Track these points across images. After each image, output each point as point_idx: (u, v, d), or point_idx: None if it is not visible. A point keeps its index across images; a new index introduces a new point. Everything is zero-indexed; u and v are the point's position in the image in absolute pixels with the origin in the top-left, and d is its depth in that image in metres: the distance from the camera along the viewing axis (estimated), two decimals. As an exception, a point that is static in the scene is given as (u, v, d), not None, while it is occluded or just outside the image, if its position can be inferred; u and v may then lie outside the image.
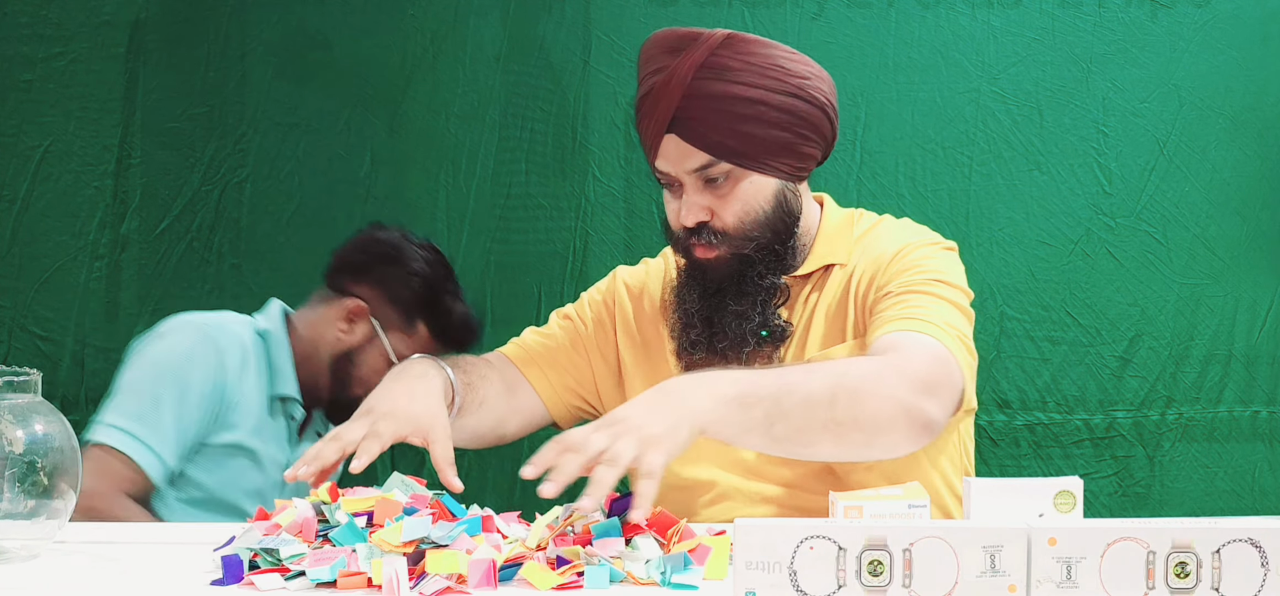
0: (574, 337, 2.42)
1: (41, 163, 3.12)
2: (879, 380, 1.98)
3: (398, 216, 3.14)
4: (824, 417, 1.92)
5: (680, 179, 2.23)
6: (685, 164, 2.21)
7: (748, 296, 2.24)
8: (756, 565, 1.52)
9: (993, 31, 3.14)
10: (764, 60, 2.22)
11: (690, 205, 2.22)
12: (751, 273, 2.24)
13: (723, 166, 2.20)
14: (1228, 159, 3.17)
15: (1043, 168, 3.15)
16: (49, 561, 1.90)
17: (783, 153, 2.23)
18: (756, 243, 2.23)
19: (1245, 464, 3.19)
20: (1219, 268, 3.17)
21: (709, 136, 2.19)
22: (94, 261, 3.13)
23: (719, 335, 2.23)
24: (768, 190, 2.24)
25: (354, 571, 1.71)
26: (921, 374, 2.01)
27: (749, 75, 2.20)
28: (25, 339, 3.10)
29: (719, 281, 2.24)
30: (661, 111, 2.20)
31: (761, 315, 2.24)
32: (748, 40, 2.23)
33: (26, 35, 3.12)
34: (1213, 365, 3.18)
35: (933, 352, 2.05)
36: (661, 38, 2.26)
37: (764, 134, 2.20)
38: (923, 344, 2.06)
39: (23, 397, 1.93)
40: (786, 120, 2.22)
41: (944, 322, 2.10)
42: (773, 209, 2.24)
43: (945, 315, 2.12)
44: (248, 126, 3.13)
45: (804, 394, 1.93)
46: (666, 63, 2.22)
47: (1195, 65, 3.16)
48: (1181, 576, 1.52)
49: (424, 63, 3.15)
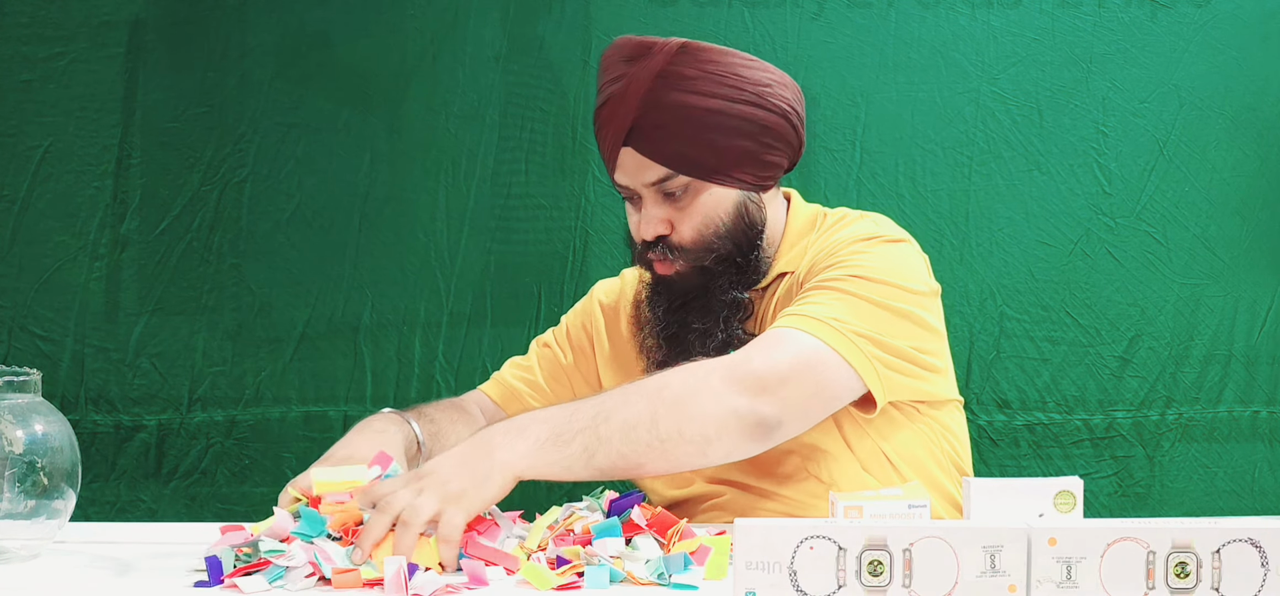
0: (554, 368, 2.38)
1: (41, 163, 3.12)
2: (703, 388, 1.94)
3: (397, 216, 3.14)
4: (646, 438, 1.90)
5: (638, 191, 2.18)
6: (642, 176, 2.16)
7: (712, 313, 2.19)
8: (756, 565, 1.52)
9: (992, 32, 3.14)
10: (722, 68, 2.16)
11: (648, 218, 2.17)
12: (715, 286, 2.18)
13: (681, 179, 2.15)
14: (1228, 159, 3.17)
15: (1042, 168, 3.15)
16: (49, 561, 1.90)
17: (744, 162, 2.17)
18: (716, 255, 2.18)
19: (1245, 464, 3.19)
20: (1219, 268, 3.17)
21: (666, 148, 2.14)
22: (94, 261, 3.13)
23: (681, 351, 2.17)
24: (728, 202, 2.18)
25: (346, 568, 1.72)
26: (756, 372, 1.97)
27: (706, 84, 2.14)
28: (25, 339, 3.10)
29: (683, 295, 2.19)
30: (618, 123, 2.15)
31: (726, 331, 2.18)
32: (705, 48, 2.17)
33: (26, 35, 3.12)
34: (1213, 365, 3.18)
35: (786, 349, 2.00)
36: (619, 46, 2.21)
37: (724, 144, 2.15)
38: (779, 339, 2.01)
39: (23, 397, 1.94)
40: (747, 129, 2.16)
41: (830, 318, 2.03)
42: (733, 221, 2.19)
43: (838, 310, 2.05)
44: (247, 126, 3.13)
45: (621, 419, 1.90)
46: (624, 72, 2.16)
47: (1195, 65, 3.15)
48: (1181, 576, 1.52)
49: (423, 62, 3.15)
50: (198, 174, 3.13)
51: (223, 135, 3.13)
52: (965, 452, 2.28)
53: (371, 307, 3.12)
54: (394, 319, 3.14)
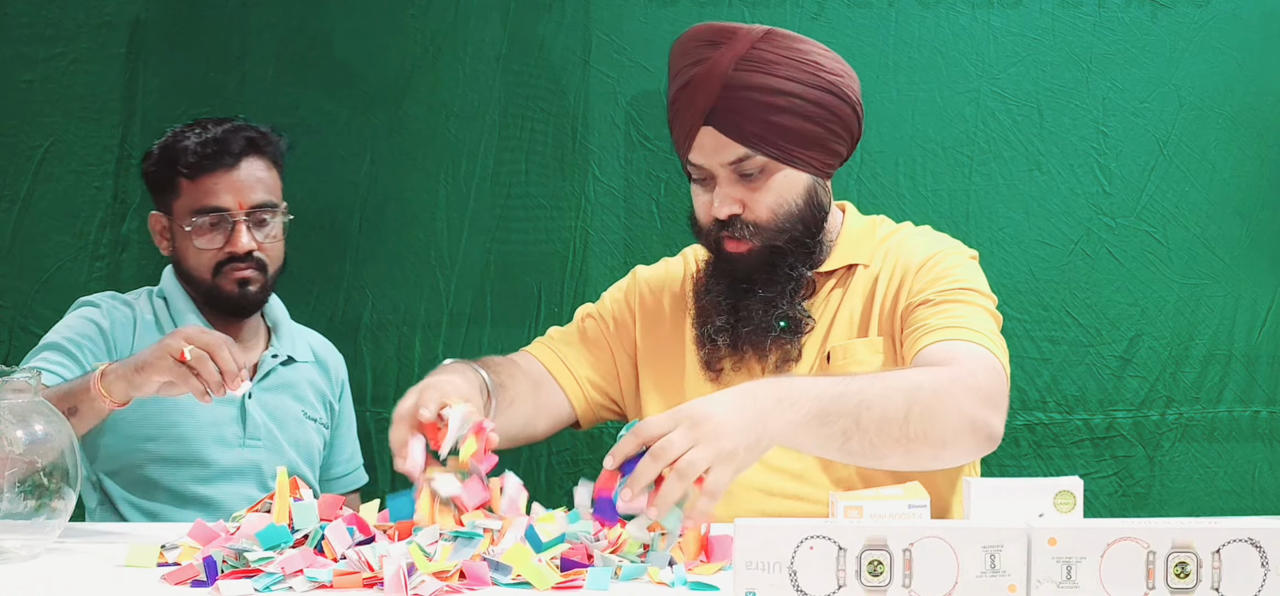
0: (599, 335, 2.45)
1: (42, 163, 3.12)
2: (949, 395, 2.01)
3: (397, 216, 3.14)
4: (897, 433, 1.94)
5: (714, 172, 2.27)
6: (720, 156, 2.25)
7: (777, 285, 2.28)
8: (756, 565, 1.52)
9: (993, 31, 3.14)
10: (801, 56, 2.26)
11: (724, 197, 2.26)
12: (782, 263, 2.28)
13: (758, 160, 2.24)
14: (1228, 159, 3.17)
15: (1043, 168, 3.15)
16: (48, 561, 1.90)
17: (815, 148, 2.27)
18: (788, 235, 2.28)
19: (1245, 464, 3.19)
20: (1219, 267, 3.17)
21: (746, 129, 2.23)
22: (94, 262, 3.13)
23: (744, 320, 2.27)
24: (800, 184, 2.28)
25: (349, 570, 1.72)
26: (984, 386, 2.06)
27: (787, 69, 2.24)
28: (26, 339, 3.10)
29: (748, 273, 2.28)
30: (700, 103, 2.24)
31: (789, 306, 2.28)
32: (787, 36, 2.28)
33: (27, 35, 3.12)
34: (1213, 365, 3.18)
35: (988, 364, 2.10)
36: (699, 31, 2.30)
37: (799, 128, 2.25)
38: (977, 355, 2.10)
39: (22, 398, 1.93)
40: (820, 115, 2.26)
41: (988, 331, 2.15)
42: (804, 203, 2.29)
43: (986, 323, 2.17)
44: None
45: (881, 409, 1.95)
46: (705, 55, 2.25)
47: (1195, 65, 3.15)
48: (1181, 576, 1.52)
49: (424, 62, 3.15)
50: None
51: (223, 135, 3.13)
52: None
53: (371, 307, 3.12)
54: (394, 318, 3.14)
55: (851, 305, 2.31)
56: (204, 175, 2.60)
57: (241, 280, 2.63)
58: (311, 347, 2.81)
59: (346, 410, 2.89)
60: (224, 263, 2.62)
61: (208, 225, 2.61)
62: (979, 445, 2.05)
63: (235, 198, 2.61)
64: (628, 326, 2.45)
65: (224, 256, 2.61)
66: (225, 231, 2.61)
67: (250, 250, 2.61)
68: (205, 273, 2.62)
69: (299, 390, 2.74)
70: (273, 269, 2.67)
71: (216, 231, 2.61)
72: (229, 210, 2.60)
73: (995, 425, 2.06)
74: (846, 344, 2.28)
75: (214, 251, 2.61)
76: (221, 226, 2.61)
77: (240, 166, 2.62)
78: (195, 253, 2.61)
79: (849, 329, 2.30)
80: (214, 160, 2.59)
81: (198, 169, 2.60)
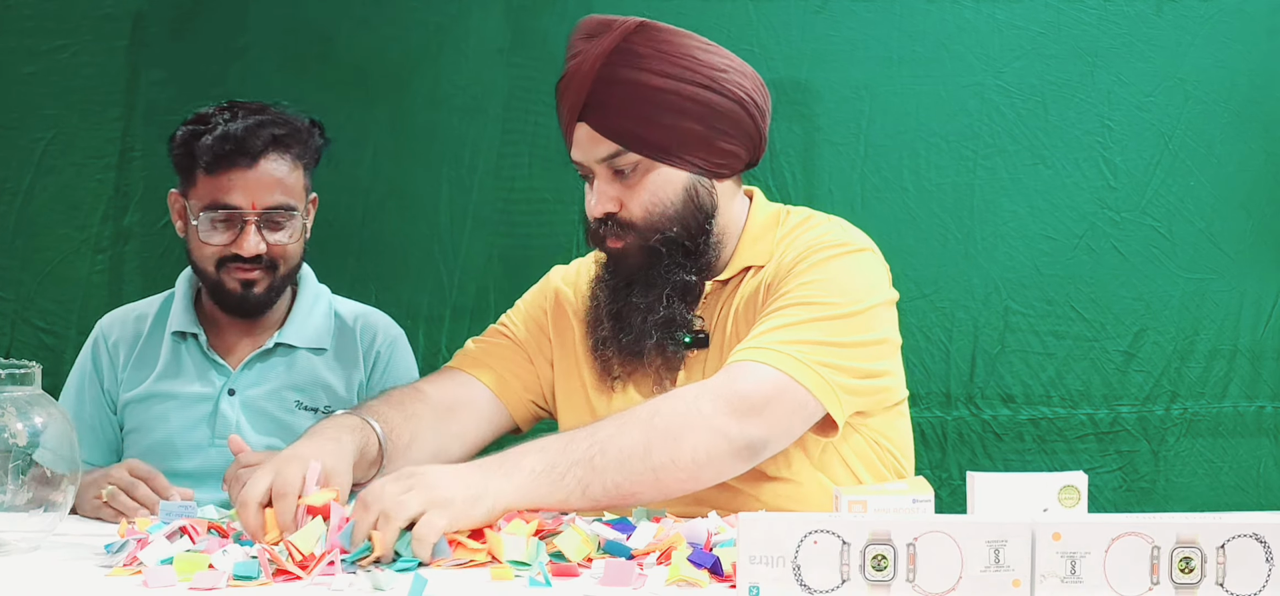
0: (512, 345, 2.39)
1: (44, 155, 3.12)
2: (694, 414, 1.97)
3: (400, 210, 3.14)
4: (640, 468, 1.91)
5: (591, 169, 2.20)
6: (594, 152, 2.19)
7: (654, 288, 2.20)
8: (760, 560, 1.52)
9: (997, 25, 3.14)
10: (676, 49, 2.18)
11: (599, 194, 2.19)
12: (659, 265, 2.19)
13: (630, 157, 2.17)
14: (1233, 153, 3.16)
15: (1047, 162, 3.15)
16: (49, 554, 1.90)
17: (694, 145, 2.18)
18: (663, 235, 2.19)
19: (1250, 459, 3.19)
20: (1224, 262, 3.17)
21: (617, 125, 2.16)
22: (96, 254, 3.12)
23: (624, 328, 2.20)
24: (677, 183, 2.19)
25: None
26: (743, 395, 2.00)
27: (659, 63, 2.16)
28: (28, 331, 3.10)
29: (629, 274, 2.21)
30: (573, 98, 2.18)
31: (667, 310, 2.19)
32: (661, 29, 2.20)
33: (29, 28, 3.12)
34: (1217, 360, 3.17)
35: (754, 372, 2.03)
36: (582, 24, 2.23)
37: (673, 124, 2.16)
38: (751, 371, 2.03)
39: (24, 390, 1.93)
40: (698, 112, 2.17)
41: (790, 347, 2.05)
42: (682, 203, 2.19)
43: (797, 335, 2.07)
44: (250, 119, 3.13)
45: (617, 447, 1.91)
46: (582, 48, 2.19)
47: (1200, 59, 3.15)
48: (1186, 571, 1.51)
49: (426, 56, 3.15)
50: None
51: (225, 128, 3.13)
52: (906, 454, 2.30)
53: (374, 301, 3.12)
54: (397, 312, 3.13)
55: (736, 311, 2.22)
56: (220, 171, 2.51)
57: (245, 281, 2.55)
58: (336, 328, 2.73)
59: (392, 384, 2.69)
60: (229, 259, 2.55)
61: (218, 221, 2.53)
62: (738, 456, 1.99)
63: (248, 197, 2.52)
64: (542, 328, 2.39)
65: (229, 254, 2.54)
66: (235, 230, 2.53)
67: (258, 253, 2.53)
68: (209, 265, 2.57)
69: (295, 378, 2.68)
70: (284, 269, 2.59)
71: (226, 229, 2.53)
72: (241, 209, 2.52)
73: (754, 434, 2.00)
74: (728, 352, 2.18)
75: (220, 247, 2.54)
76: (232, 224, 2.53)
77: (259, 165, 2.52)
78: (201, 245, 2.57)
79: (738, 335, 2.19)
80: (231, 158, 2.50)
81: (215, 165, 2.52)
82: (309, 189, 2.62)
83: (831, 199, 3.08)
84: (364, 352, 2.72)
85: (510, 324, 2.41)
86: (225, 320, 2.64)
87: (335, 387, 2.67)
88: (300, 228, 2.58)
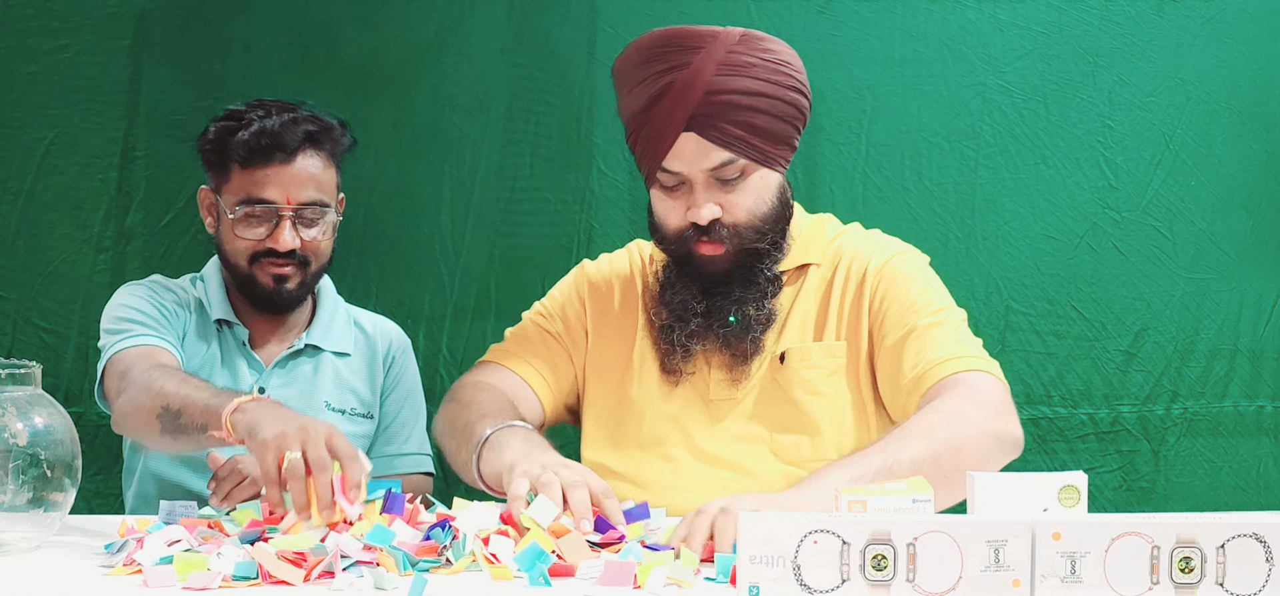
0: (551, 334, 2.45)
1: (46, 155, 3.12)
2: (965, 421, 2.08)
3: (402, 210, 3.14)
4: (932, 476, 1.97)
5: (692, 178, 2.25)
6: (702, 161, 2.24)
7: (757, 286, 2.30)
8: (760, 559, 1.52)
9: (999, 25, 3.14)
10: (774, 57, 2.27)
11: (704, 202, 2.25)
12: (757, 264, 2.29)
13: (739, 164, 2.24)
14: (1234, 153, 3.16)
15: (1048, 161, 3.15)
16: (49, 554, 1.90)
17: (784, 146, 2.29)
18: (764, 236, 2.29)
19: (1250, 459, 3.19)
20: (1224, 262, 3.16)
21: (730, 134, 2.22)
22: (98, 254, 3.12)
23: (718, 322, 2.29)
24: (774, 184, 2.29)
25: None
26: (993, 399, 2.15)
27: (764, 72, 2.24)
28: (30, 332, 3.10)
29: (718, 276, 2.29)
30: (682, 110, 2.22)
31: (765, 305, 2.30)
32: (761, 38, 2.28)
33: (31, 27, 3.12)
34: (1218, 359, 3.17)
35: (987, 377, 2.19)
36: (664, 37, 2.29)
37: (774, 129, 2.25)
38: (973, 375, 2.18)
39: (25, 390, 1.94)
40: (791, 114, 2.27)
41: (972, 347, 2.23)
42: (778, 203, 2.30)
43: (967, 337, 2.25)
44: (252, 119, 3.12)
45: (909, 458, 2.00)
46: (685, 60, 2.24)
47: (1202, 59, 3.15)
48: (1186, 571, 1.51)
49: (429, 56, 3.15)
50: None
51: (227, 128, 3.13)
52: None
53: (375, 301, 3.12)
54: (398, 312, 3.13)
55: (806, 307, 2.33)
56: (256, 166, 2.53)
57: (278, 275, 2.57)
58: (357, 334, 2.76)
59: (401, 392, 2.78)
60: (263, 254, 2.56)
61: (253, 216, 2.55)
62: (1007, 451, 2.13)
63: (284, 192, 2.53)
64: (579, 322, 2.44)
65: (264, 248, 2.56)
66: (269, 225, 2.55)
67: (293, 248, 2.55)
68: (242, 260, 2.58)
69: (323, 380, 2.69)
70: (315, 266, 2.61)
71: (261, 224, 2.55)
72: (276, 203, 2.54)
73: (1014, 430, 2.15)
74: (803, 347, 2.30)
75: (254, 242, 2.56)
76: (266, 219, 2.54)
77: (294, 161, 2.54)
78: (236, 239, 2.58)
79: (803, 331, 2.32)
80: (268, 153, 2.52)
81: (250, 159, 2.53)
82: (339, 187, 2.65)
83: (833, 198, 3.08)
84: (382, 359, 2.77)
85: (548, 315, 2.47)
86: (253, 318, 2.65)
87: (361, 391, 2.71)
88: (332, 225, 2.62)
